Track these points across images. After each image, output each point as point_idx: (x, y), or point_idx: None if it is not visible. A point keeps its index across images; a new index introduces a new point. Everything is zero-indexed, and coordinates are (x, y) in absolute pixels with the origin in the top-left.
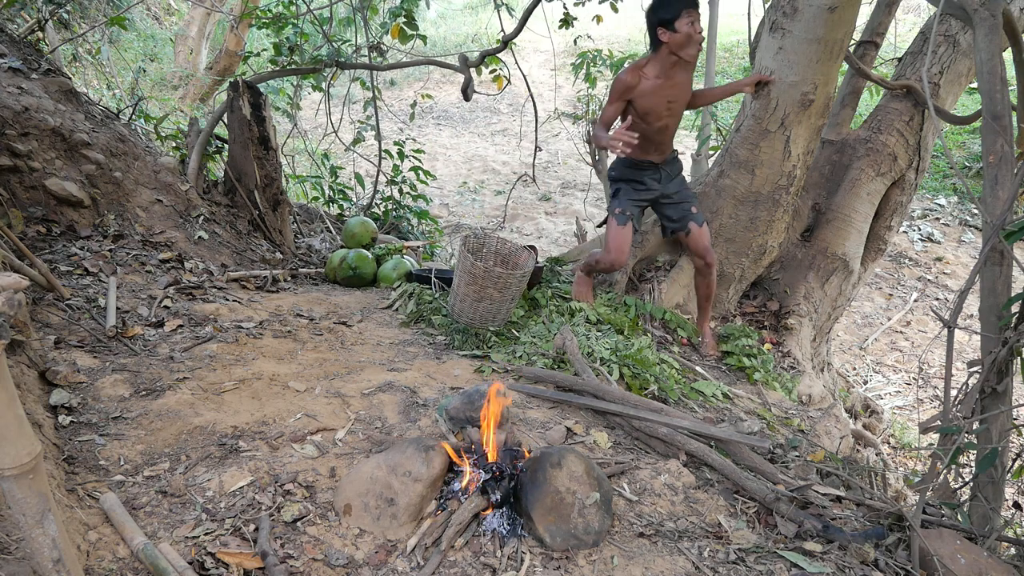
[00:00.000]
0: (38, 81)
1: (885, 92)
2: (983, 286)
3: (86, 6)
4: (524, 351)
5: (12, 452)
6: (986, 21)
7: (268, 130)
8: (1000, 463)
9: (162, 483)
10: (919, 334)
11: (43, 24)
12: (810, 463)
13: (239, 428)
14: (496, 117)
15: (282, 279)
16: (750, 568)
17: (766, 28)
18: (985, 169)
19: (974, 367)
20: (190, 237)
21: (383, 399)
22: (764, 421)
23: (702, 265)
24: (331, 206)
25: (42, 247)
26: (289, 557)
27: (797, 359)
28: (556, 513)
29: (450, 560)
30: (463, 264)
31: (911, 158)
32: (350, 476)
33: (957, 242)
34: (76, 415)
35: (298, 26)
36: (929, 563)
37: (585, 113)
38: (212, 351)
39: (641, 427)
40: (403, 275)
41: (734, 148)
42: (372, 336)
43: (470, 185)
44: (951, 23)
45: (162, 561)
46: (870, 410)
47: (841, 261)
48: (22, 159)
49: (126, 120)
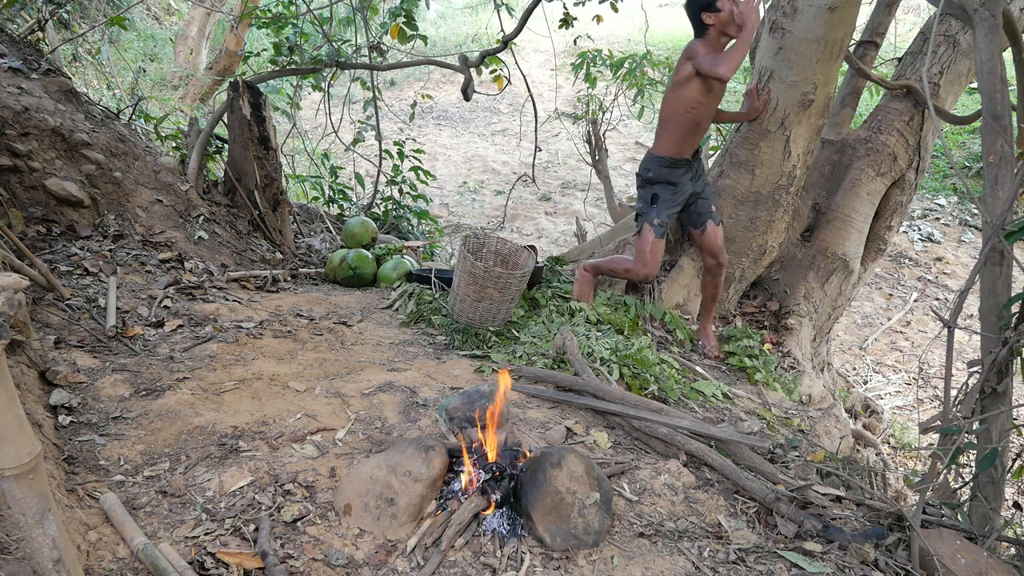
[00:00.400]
0: (38, 81)
1: (885, 92)
2: (983, 286)
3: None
4: (524, 351)
5: (12, 452)
6: (986, 21)
7: (268, 130)
8: (1000, 463)
9: (162, 483)
10: (919, 334)
11: (43, 24)
12: (810, 463)
13: (239, 428)
14: (496, 117)
15: (282, 279)
16: (750, 568)
17: (766, 28)
18: (985, 169)
19: (974, 367)
20: (190, 237)
21: (383, 399)
22: (764, 421)
23: (713, 264)
24: (331, 206)
25: (42, 247)
26: (289, 557)
27: (797, 359)
28: (556, 513)
29: (450, 560)
30: (463, 264)
31: (911, 158)
32: (350, 476)
33: (957, 242)
34: (76, 415)
35: (298, 26)
36: (929, 563)
37: (585, 113)
38: (212, 351)
39: (641, 427)
40: (403, 275)
41: (734, 148)
42: (372, 336)
43: (470, 185)
44: (951, 23)
45: (162, 561)
46: (870, 410)
47: (841, 261)
48: (22, 159)
49: (126, 120)
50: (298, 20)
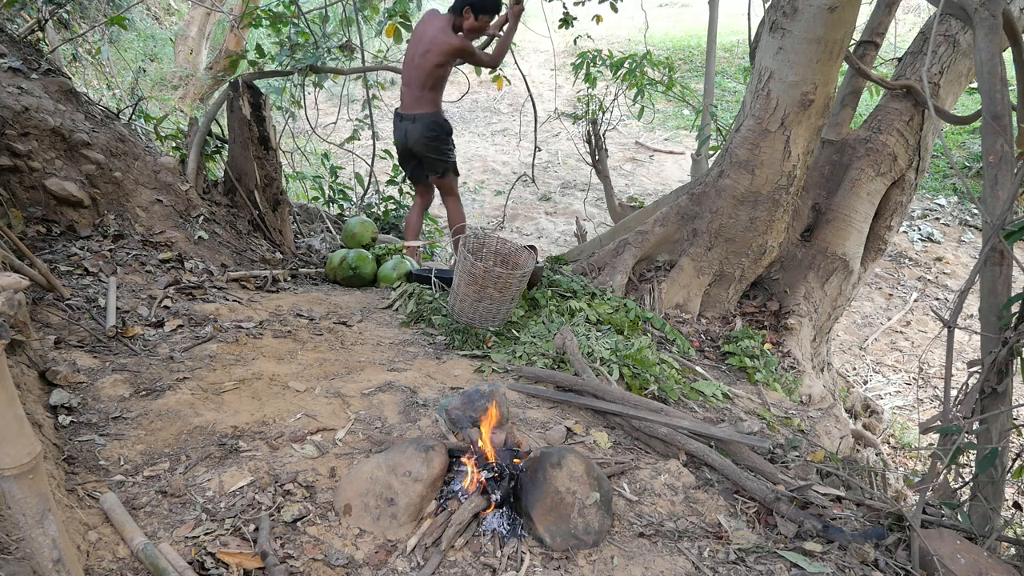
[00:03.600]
0: (38, 81)
1: (885, 92)
2: (983, 286)
3: (86, 6)
4: (524, 351)
5: (12, 452)
6: (986, 21)
7: (268, 130)
8: (1000, 463)
9: (162, 483)
10: (919, 334)
11: (43, 24)
12: (810, 463)
13: (239, 428)
14: (496, 117)
15: (282, 279)
16: (750, 568)
17: (766, 28)
18: (985, 169)
19: (974, 367)
20: (190, 237)
21: (383, 399)
22: (764, 421)
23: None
24: (331, 206)
25: (42, 247)
26: (289, 557)
27: (797, 359)
28: (556, 513)
29: (450, 560)
30: (463, 264)
31: (911, 158)
32: (350, 476)
33: (957, 242)
34: (76, 415)
35: (298, 26)
36: (929, 563)
37: (585, 113)
38: (212, 351)
39: (641, 427)
40: (403, 275)
41: (734, 148)
42: (372, 336)
43: (470, 185)
44: (951, 23)
45: (162, 561)
46: (870, 410)
47: (841, 261)
48: (22, 159)
49: (126, 120)
50: (297, 20)
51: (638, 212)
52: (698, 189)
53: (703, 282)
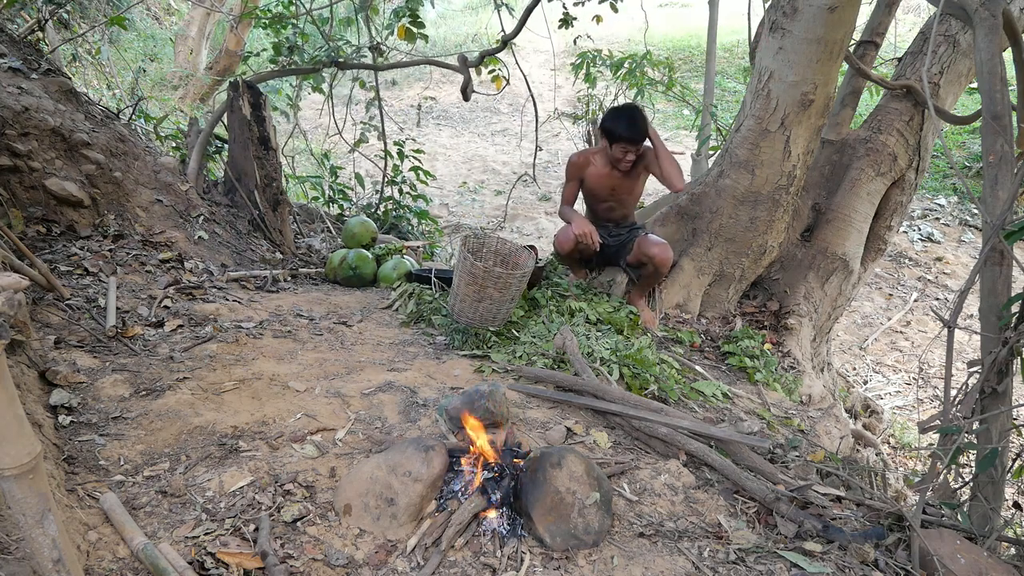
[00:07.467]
0: (38, 81)
1: (885, 92)
2: (983, 286)
3: (86, 6)
4: (524, 351)
5: (12, 452)
6: (986, 21)
7: (268, 130)
8: (1000, 463)
9: (162, 483)
10: (919, 334)
11: (43, 24)
12: (810, 463)
13: (239, 428)
14: (496, 117)
15: (282, 279)
16: (750, 568)
17: (766, 28)
18: (985, 169)
19: (974, 367)
20: (190, 237)
21: (383, 399)
22: (764, 421)
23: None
24: (331, 206)
25: (42, 247)
26: (289, 557)
27: (797, 359)
28: (556, 513)
29: (450, 560)
30: (463, 264)
31: (911, 158)
32: (350, 476)
33: (957, 242)
34: (76, 415)
35: (298, 26)
36: (929, 563)
37: (585, 113)
38: (212, 351)
39: (641, 427)
40: (403, 275)
41: (734, 148)
42: (372, 336)
43: (470, 185)
44: (951, 23)
45: (162, 561)
46: (870, 410)
47: (841, 261)
48: (22, 159)
49: (126, 120)
50: (298, 20)
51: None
52: (698, 189)
53: (703, 282)
